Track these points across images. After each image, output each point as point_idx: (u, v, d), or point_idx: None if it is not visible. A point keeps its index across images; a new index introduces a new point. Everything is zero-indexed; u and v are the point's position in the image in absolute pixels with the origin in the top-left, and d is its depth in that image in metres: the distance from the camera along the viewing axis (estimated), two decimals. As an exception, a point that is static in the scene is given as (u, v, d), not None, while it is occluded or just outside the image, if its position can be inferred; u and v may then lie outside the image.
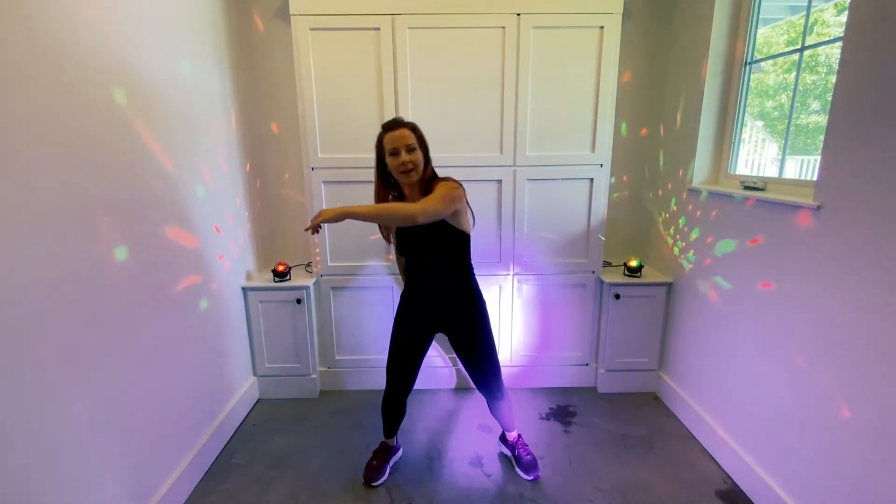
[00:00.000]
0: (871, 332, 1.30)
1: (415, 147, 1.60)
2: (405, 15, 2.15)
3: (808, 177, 1.70)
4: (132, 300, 1.53)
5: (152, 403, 1.63)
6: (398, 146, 1.57)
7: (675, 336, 2.39)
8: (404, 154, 1.58)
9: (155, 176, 1.66)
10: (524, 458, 1.94)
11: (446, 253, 1.69)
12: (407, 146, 1.58)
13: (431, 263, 1.70)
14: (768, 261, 1.70)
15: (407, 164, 1.57)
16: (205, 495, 1.84)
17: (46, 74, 1.20)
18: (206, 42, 2.03)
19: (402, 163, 1.57)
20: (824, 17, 1.81)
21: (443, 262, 1.70)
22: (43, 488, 1.19)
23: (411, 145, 1.59)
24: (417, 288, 1.77)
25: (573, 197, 2.40)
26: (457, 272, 1.73)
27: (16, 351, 1.12)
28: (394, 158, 1.58)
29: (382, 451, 1.98)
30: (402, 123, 1.62)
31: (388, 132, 1.60)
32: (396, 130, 1.59)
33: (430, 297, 1.75)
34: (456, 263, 1.72)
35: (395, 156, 1.58)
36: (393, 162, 1.59)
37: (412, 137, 1.59)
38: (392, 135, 1.59)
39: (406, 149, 1.58)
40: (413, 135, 1.60)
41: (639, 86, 2.49)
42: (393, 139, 1.58)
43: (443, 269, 1.71)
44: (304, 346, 2.48)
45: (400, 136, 1.58)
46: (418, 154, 1.60)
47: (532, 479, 1.91)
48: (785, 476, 1.64)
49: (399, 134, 1.58)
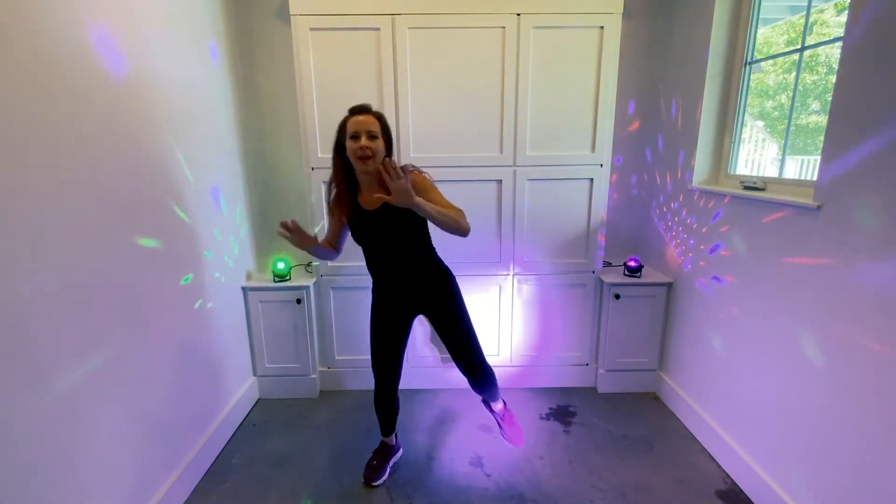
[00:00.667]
0: (871, 333, 1.30)
1: (377, 135, 1.54)
2: (405, 15, 2.15)
3: (808, 177, 1.70)
4: (132, 300, 1.53)
5: (152, 403, 1.63)
6: (359, 130, 1.52)
7: (675, 336, 2.39)
8: (364, 139, 1.52)
9: (155, 175, 1.66)
10: (506, 428, 2.00)
11: (411, 238, 1.66)
12: (369, 132, 1.53)
13: (396, 251, 1.66)
14: (768, 261, 1.70)
15: (365, 149, 1.52)
16: (205, 495, 1.84)
17: (53, 74, 1.21)
18: (206, 41, 2.03)
19: (361, 147, 1.51)
20: (824, 18, 1.81)
21: (408, 247, 1.67)
22: (43, 488, 1.19)
23: (373, 132, 1.53)
24: (388, 278, 1.72)
25: (573, 197, 2.40)
26: (422, 255, 1.70)
27: (15, 351, 1.12)
28: (353, 142, 1.53)
29: (382, 451, 1.98)
30: (368, 110, 1.57)
31: (353, 115, 1.56)
32: (361, 115, 1.54)
33: (403, 285, 1.71)
34: (420, 246, 1.69)
35: (355, 139, 1.53)
36: (352, 146, 1.53)
37: (376, 125, 1.55)
38: (356, 119, 1.54)
39: (367, 135, 1.53)
40: (378, 123, 1.56)
41: (639, 86, 2.49)
42: (356, 123, 1.53)
43: (409, 254, 1.67)
44: (304, 346, 2.48)
45: (363, 121, 1.53)
46: (379, 143, 1.55)
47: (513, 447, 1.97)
48: (785, 476, 1.64)
49: (363, 119, 1.53)
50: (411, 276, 1.70)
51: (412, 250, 1.68)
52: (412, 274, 1.70)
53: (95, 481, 1.36)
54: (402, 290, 1.72)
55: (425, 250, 1.71)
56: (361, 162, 1.54)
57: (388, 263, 1.69)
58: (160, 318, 1.68)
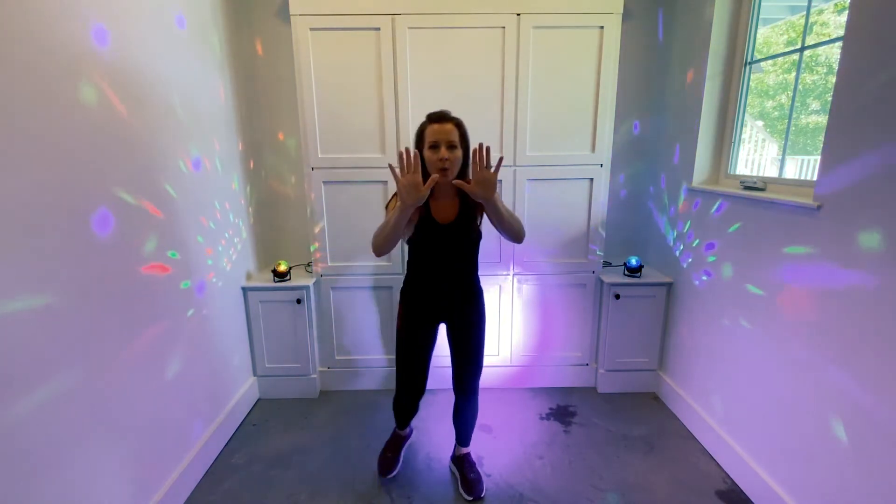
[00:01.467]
0: (871, 333, 1.30)
1: (456, 145, 1.51)
2: (405, 15, 2.15)
3: (808, 177, 1.70)
4: (131, 300, 1.53)
5: (152, 403, 1.63)
6: (439, 140, 1.49)
7: (675, 336, 2.39)
8: (444, 150, 1.49)
9: (154, 175, 1.66)
10: (469, 475, 1.86)
11: (469, 254, 1.67)
12: (449, 142, 1.49)
13: (455, 264, 1.65)
14: (768, 261, 1.70)
15: (445, 161, 1.49)
16: (205, 495, 1.84)
17: (53, 78, 1.21)
18: (206, 42, 2.03)
19: (441, 159, 1.49)
20: (824, 18, 1.81)
21: (465, 262, 1.67)
22: (43, 488, 1.19)
23: (453, 142, 1.50)
24: (434, 286, 1.68)
25: (573, 197, 2.40)
26: (472, 270, 1.71)
27: (14, 351, 1.12)
28: (433, 152, 1.50)
29: (395, 442, 1.98)
30: (448, 117, 1.52)
31: (431, 123, 1.51)
32: (442, 124, 1.50)
33: (441, 293, 1.68)
34: (473, 262, 1.70)
35: (434, 149, 1.50)
36: (431, 156, 1.50)
37: (455, 134, 1.51)
38: (436, 127, 1.50)
39: (447, 145, 1.49)
40: (457, 131, 1.52)
41: (639, 85, 2.49)
42: (436, 132, 1.49)
43: (464, 268, 1.68)
44: (304, 346, 2.48)
45: (443, 129, 1.49)
46: (458, 153, 1.52)
47: (471, 499, 1.80)
48: (785, 476, 1.64)
49: (443, 128, 1.49)
50: (456, 289, 1.69)
51: (468, 265, 1.68)
52: (458, 287, 1.69)
53: (95, 481, 1.36)
54: (441, 299, 1.70)
55: (474, 266, 1.72)
56: (441, 173, 1.50)
57: (442, 273, 1.66)
58: (160, 319, 1.68)
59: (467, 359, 1.77)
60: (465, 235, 1.60)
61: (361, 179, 2.34)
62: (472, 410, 1.86)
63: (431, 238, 1.60)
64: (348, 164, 2.30)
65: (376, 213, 2.38)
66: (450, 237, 1.60)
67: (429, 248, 1.62)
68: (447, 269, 1.65)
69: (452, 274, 1.66)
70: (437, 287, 1.68)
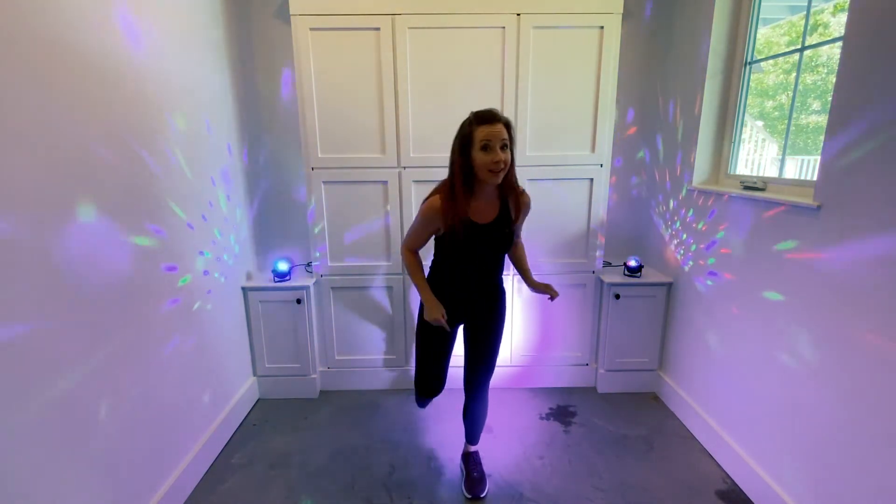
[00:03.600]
0: (871, 333, 1.30)
1: (507, 145, 1.47)
2: (405, 15, 2.15)
3: (808, 177, 1.70)
4: (131, 300, 1.53)
5: (152, 403, 1.63)
6: (493, 140, 1.43)
7: (675, 336, 2.39)
8: (500, 152, 1.44)
9: (153, 174, 1.66)
10: (473, 474, 1.88)
11: (502, 255, 1.67)
12: (502, 142, 1.45)
13: (488, 265, 1.65)
14: (768, 261, 1.70)
15: (500, 163, 1.44)
16: (205, 495, 1.84)
17: (52, 74, 1.21)
18: (206, 41, 2.03)
19: (497, 161, 1.44)
20: (824, 19, 1.81)
21: (498, 263, 1.67)
22: (43, 488, 1.19)
23: (506, 142, 1.46)
24: (457, 283, 1.66)
25: (573, 197, 2.40)
26: (500, 272, 1.71)
27: (13, 351, 1.12)
28: (486, 154, 1.44)
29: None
30: (499, 117, 1.46)
31: (482, 125, 1.45)
32: (493, 125, 1.44)
33: (468, 293, 1.67)
34: (501, 262, 1.70)
35: (487, 151, 1.44)
36: (484, 158, 1.44)
37: (506, 134, 1.46)
38: (488, 129, 1.44)
39: (501, 145, 1.45)
40: (507, 132, 1.47)
41: (639, 85, 2.49)
42: (490, 133, 1.44)
43: (495, 269, 1.68)
44: (304, 346, 2.48)
45: (496, 130, 1.44)
46: (509, 154, 1.48)
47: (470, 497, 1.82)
48: (785, 476, 1.64)
49: (495, 129, 1.44)
50: (483, 289, 1.69)
51: (499, 267, 1.69)
52: (485, 287, 1.69)
53: (95, 481, 1.36)
54: (467, 300, 1.69)
55: (502, 266, 1.71)
56: (493, 175, 1.46)
57: (473, 273, 1.65)
58: (159, 319, 1.68)
59: (483, 359, 1.77)
60: (502, 235, 1.59)
61: (361, 179, 2.34)
62: (482, 409, 1.88)
63: (469, 238, 1.56)
64: (348, 164, 2.30)
65: (376, 213, 2.38)
66: (487, 237, 1.58)
67: (465, 248, 1.58)
68: (478, 268, 1.64)
69: (482, 274, 1.66)
70: (465, 287, 1.67)
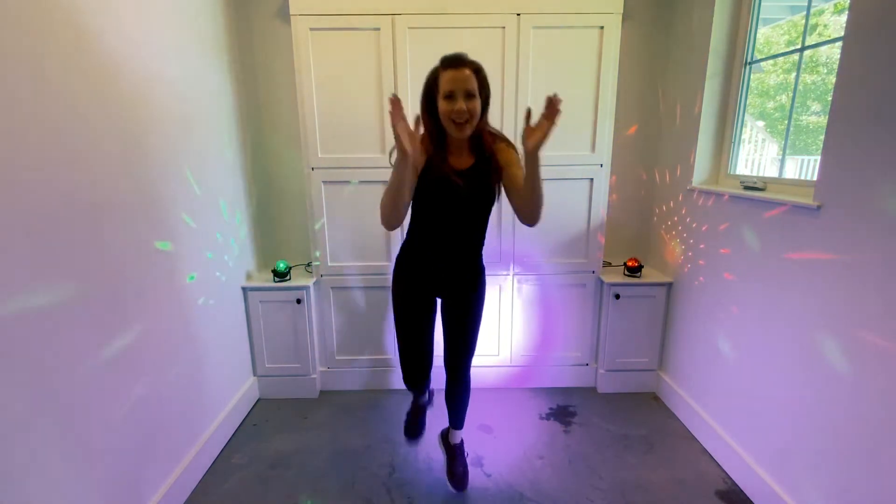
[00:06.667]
0: (871, 333, 1.30)
1: (475, 94, 1.32)
2: (405, 15, 2.15)
3: (808, 177, 1.70)
4: (131, 299, 1.53)
5: (152, 403, 1.63)
6: (456, 90, 1.30)
7: (675, 336, 2.39)
8: (461, 100, 1.30)
9: (153, 174, 1.66)
10: (457, 469, 1.83)
11: (480, 218, 1.52)
12: (466, 91, 1.31)
13: (463, 226, 1.50)
14: (768, 260, 1.70)
15: (463, 113, 1.31)
16: (205, 495, 1.84)
17: (54, 74, 1.21)
18: (206, 41, 2.03)
19: (458, 111, 1.31)
20: (824, 20, 1.81)
21: (474, 227, 1.52)
22: (42, 487, 1.19)
23: (471, 90, 1.31)
24: (431, 248, 1.53)
25: (573, 197, 2.40)
26: (478, 241, 1.57)
27: (12, 350, 1.12)
28: (448, 103, 1.31)
29: (415, 410, 1.93)
30: (465, 61, 1.32)
31: (447, 69, 1.32)
32: (458, 69, 1.30)
33: (443, 262, 1.54)
34: (481, 232, 1.56)
35: (450, 99, 1.31)
36: (446, 107, 1.32)
37: (474, 81, 1.32)
38: (452, 74, 1.30)
39: (465, 94, 1.31)
40: (475, 78, 1.32)
41: (639, 85, 2.49)
42: (452, 79, 1.30)
43: (471, 234, 1.53)
44: (304, 346, 2.48)
45: (461, 77, 1.30)
46: (477, 103, 1.33)
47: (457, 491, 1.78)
48: (785, 476, 1.64)
49: (461, 75, 1.30)
50: (459, 258, 1.55)
51: (476, 232, 1.54)
52: (462, 259, 1.55)
53: (95, 481, 1.36)
54: (442, 270, 1.56)
55: (481, 239, 1.58)
56: (457, 127, 1.34)
57: (448, 237, 1.51)
58: (159, 318, 1.68)
59: (463, 339, 1.67)
60: (479, 192, 1.44)
61: (362, 179, 2.34)
62: (464, 391, 1.77)
63: (445, 188, 1.41)
64: (348, 164, 2.30)
65: (376, 213, 2.37)
66: (461, 193, 1.42)
67: (437, 202, 1.45)
68: (454, 233, 1.50)
69: (459, 240, 1.52)
70: (442, 255, 1.53)
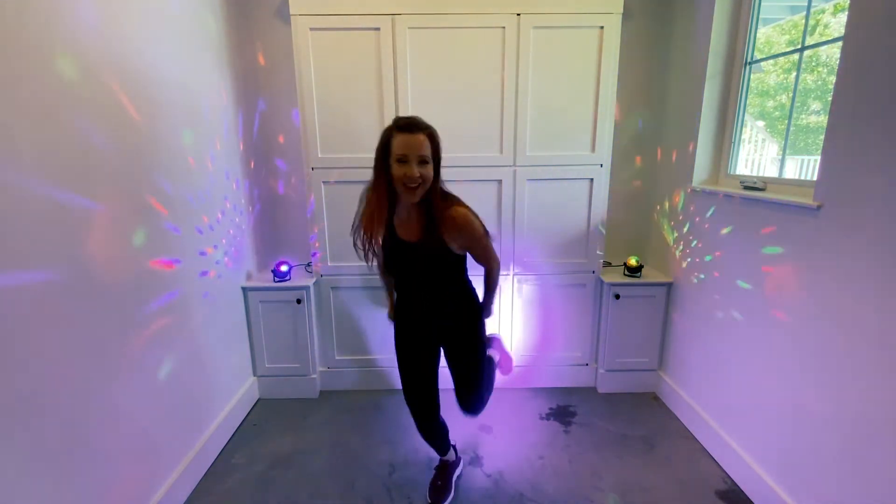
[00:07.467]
0: (871, 332, 1.30)
1: (428, 159, 1.33)
2: (405, 15, 2.15)
3: (808, 177, 1.70)
4: (131, 299, 1.53)
5: (152, 403, 1.63)
6: (409, 154, 1.30)
7: (675, 336, 2.39)
8: (414, 166, 1.30)
9: (153, 174, 1.66)
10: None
11: (448, 269, 1.52)
12: (420, 156, 1.31)
13: (432, 281, 1.53)
14: (768, 261, 1.70)
15: (415, 178, 1.31)
16: (205, 495, 1.84)
17: (52, 73, 1.21)
18: (206, 41, 2.03)
19: (410, 176, 1.30)
20: (824, 20, 1.81)
21: (444, 277, 1.54)
22: (42, 487, 1.19)
23: (424, 157, 1.32)
24: (419, 305, 1.59)
25: (573, 197, 2.40)
26: (456, 282, 1.58)
27: (12, 349, 1.12)
28: (401, 167, 1.31)
29: (443, 469, 1.87)
30: (420, 126, 1.33)
31: (401, 132, 1.32)
32: (413, 135, 1.30)
33: (433, 312, 1.59)
34: (456, 275, 1.56)
35: (403, 164, 1.31)
36: (399, 171, 1.32)
37: (427, 147, 1.32)
38: (406, 138, 1.30)
39: (418, 160, 1.31)
40: (429, 144, 1.33)
41: (639, 85, 2.49)
42: (406, 144, 1.30)
43: (444, 283, 1.55)
44: (304, 346, 2.48)
45: (414, 142, 1.30)
46: (429, 168, 1.34)
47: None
48: (785, 476, 1.64)
49: (414, 140, 1.30)
50: (438, 306, 1.57)
51: (448, 280, 1.55)
52: (444, 301, 1.57)
53: (95, 481, 1.36)
54: (426, 317, 1.60)
55: (460, 278, 1.59)
56: (408, 192, 1.34)
57: (422, 291, 1.55)
58: (159, 317, 1.68)
59: (463, 379, 1.71)
60: (435, 256, 1.45)
61: (362, 179, 2.33)
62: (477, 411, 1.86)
63: (400, 256, 1.48)
64: (348, 164, 2.30)
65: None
66: (418, 257, 1.46)
67: (400, 268, 1.51)
68: (427, 283, 1.53)
69: (431, 288, 1.54)
70: (418, 306, 1.58)
